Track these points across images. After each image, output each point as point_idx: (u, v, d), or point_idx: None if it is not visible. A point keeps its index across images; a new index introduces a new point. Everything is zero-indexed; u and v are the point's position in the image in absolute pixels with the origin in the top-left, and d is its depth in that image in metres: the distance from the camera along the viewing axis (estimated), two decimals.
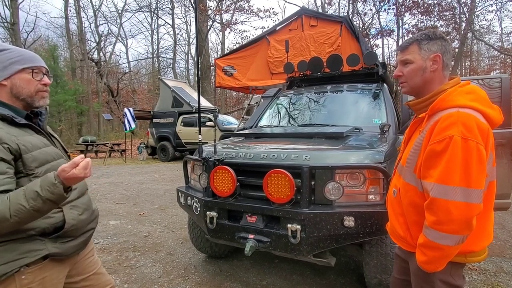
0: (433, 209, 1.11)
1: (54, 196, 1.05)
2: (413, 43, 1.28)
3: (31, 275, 1.15)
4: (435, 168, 1.12)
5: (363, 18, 17.73)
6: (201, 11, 16.15)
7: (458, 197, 1.07)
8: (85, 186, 1.42)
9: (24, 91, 1.22)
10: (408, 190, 1.26)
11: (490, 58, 24.11)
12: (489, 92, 3.41)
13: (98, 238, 3.82)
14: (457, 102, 1.14)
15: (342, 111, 3.47)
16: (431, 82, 1.26)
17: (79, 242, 1.30)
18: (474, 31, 16.58)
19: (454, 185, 1.07)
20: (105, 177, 8.68)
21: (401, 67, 1.31)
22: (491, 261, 3.06)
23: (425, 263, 1.17)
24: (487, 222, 1.20)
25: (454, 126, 1.08)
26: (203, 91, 15.85)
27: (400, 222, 1.32)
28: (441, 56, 1.24)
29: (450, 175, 1.08)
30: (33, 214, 1.05)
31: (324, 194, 2.05)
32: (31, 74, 1.23)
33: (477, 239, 1.18)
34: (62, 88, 19.03)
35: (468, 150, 1.06)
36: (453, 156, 1.07)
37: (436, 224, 1.10)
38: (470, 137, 1.07)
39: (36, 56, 1.29)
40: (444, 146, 1.09)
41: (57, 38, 27.62)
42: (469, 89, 1.20)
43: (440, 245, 1.11)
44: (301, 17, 7.09)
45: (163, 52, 30.03)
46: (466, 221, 1.07)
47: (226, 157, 2.40)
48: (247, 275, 2.87)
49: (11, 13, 18.68)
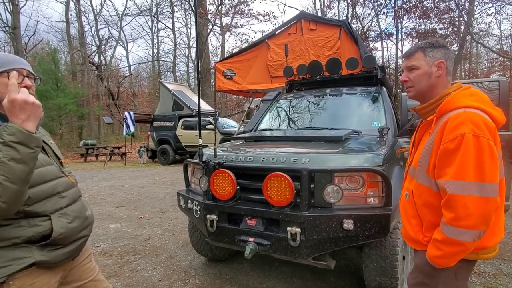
0: (451, 205, 1.14)
1: (14, 137, 0.99)
2: (418, 50, 1.35)
3: (18, 281, 1.12)
4: (450, 166, 1.16)
5: (362, 22, 17.83)
6: (201, 14, 16.24)
7: (474, 191, 1.10)
8: (77, 193, 1.38)
9: (3, 96, 1.12)
10: (422, 191, 1.30)
11: (489, 60, 24.17)
12: (488, 94, 3.43)
13: (99, 242, 3.83)
14: (463, 103, 1.20)
15: (341, 114, 3.49)
16: (436, 86, 1.33)
17: (69, 250, 1.26)
18: (473, 34, 16.64)
19: (470, 180, 1.11)
20: (106, 181, 8.68)
21: (407, 73, 1.38)
22: (491, 264, 3.06)
23: (438, 257, 1.19)
24: (498, 218, 1.23)
25: (464, 125, 1.13)
26: (203, 94, 15.90)
27: (412, 224, 1.35)
28: (445, 63, 1.32)
29: (465, 171, 1.12)
30: (16, 166, 0.98)
31: (323, 197, 2.07)
32: (8, 77, 1.14)
33: (490, 235, 1.20)
34: (62, 91, 19.06)
35: (480, 146, 1.11)
36: (466, 152, 1.12)
37: (454, 221, 1.13)
38: (481, 133, 1.11)
39: (14, 59, 1.22)
40: (457, 144, 1.14)
41: (58, 42, 27.79)
42: (472, 92, 1.26)
43: (458, 240, 1.14)
44: (301, 21, 7.14)
45: (164, 56, 30.19)
46: (484, 215, 1.10)
47: (226, 161, 2.42)
48: (247, 278, 2.87)
49: (12, 18, 18.79)
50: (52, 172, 1.26)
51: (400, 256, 2.19)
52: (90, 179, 8.94)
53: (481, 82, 3.60)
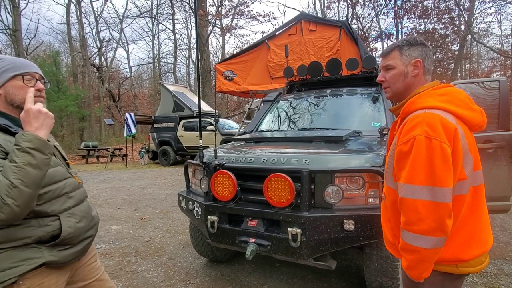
0: (403, 209, 1.12)
1: (31, 143, 1.07)
2: (394, 49, 1.29)
3: (28, 280, 1.15)
4: (403, 169, 1.13)
5: (362, 22, 17.84)
6: (201, 16, 16.26)
7: (424, 196, 1.06)
8: (83, 193, 1.41)
9: (17, 98, 1.22)
10: (390, 193, 1.26)
11: (490, 60, 24.15)
12: (488, 94, 3.43)
13: (100, 243, 3.83)
14: (426, 103, 1.16)
15: (341, 115, 3.50)
16: (412, 87, 1.28)
17: (77, 249, 1.29)
18: (473, 34, 16.62)
19: (420, 184, 1.07)
20: (107, 182, 8.70)
21: (384, 73, 1.33)
22: (492, 264, 3.05)
23: (407, 268, 1.15)
24: (475, 228, 1.15)
25: (419, 126, 1.10)
26: (204, 95, 15.92)
27: (388, 227, 1.32)
28: (421, 62, 1.25)
29: (416, 174, 1.08)
30: (31, 170, 1.05)
31: (324, 198, 2.07)
32: (22, 81, 1.23)
33: (466, 247, 1.13)
34: (63, 93, 19.12)
35: (432, 149, 1.06)
36: (417, 155, 1.08)
37: (407, 225, 1.10)
38: (434, 136, 1.07)
39: (28, 63, 1.29)
40: (409, 146, 1.10)
41: (59, 44, 27.87)
42: (443, 91, 1.20)
43: (415, 247, 1.09)
44: (301, 22, 7.15)
45: (164, 57, 30.22)
46: (436, 221, 1.05)
47: (227, 162, 2.43)
48: (248, 279, 2.87)
49: (13, 20, 18.85)
50: (61, 173, 1.29)
51: None
52: (91, 180, 8.95)
53: (482, 82, 3.60)
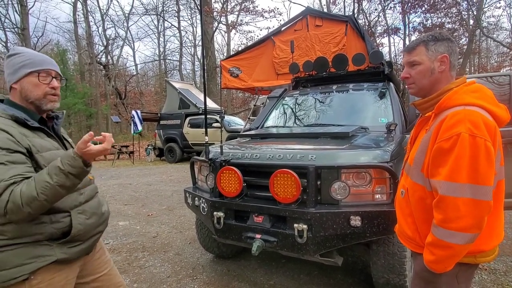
0: (441, 207, 1.11)
1: (75, 170, 1.09)
2: (419, 44, 1.27)
3: (40, 276, 1.16)
4: (443, 166, 1.11)
5: (368, 17, 17.63)
6: (206, 13, 16.24)
7: (466, 194, 1.06)
8: (94, 190, 1.42)
9: (32, 95, 1.22)
10: (416, 190, 1.26)
11: (499, 55, 23.70)
12: (498, 89, 3.37)
13: (108, 239, 3.88)
14: (464, 100, 1.15)
15: (348, 111, 3.46)
16: (438, 82, 1.26)
17: (86, 246, 1.30)
18: (482, 28, 16.32)
19: (463, 182, 1.07)
20: (114, 179, 8.79)
21: (408, 69, 1.30)
22: (501, 261, 3.02)
23: (433, 262, 1.15)
24: (496, 221, 1.19)
25: (462, 124, 1.08)
26: (209, 92, 15.92)
27: (408, 222, 1.31)
28: (448, 57, 1.24)
29: (458, 172, 1.07)
30: (59, 190, 1.08)
31: (330, 194, 2.06)
32: (38, 78, 1.22)
33: (487, 238, 1.16)
34: (71, 91, 19.37)
35: (476, 147, 1.06)
36: (461, 153, 1.07)
37: (444, 222, 1.10)
38: (478, 134, 1.06)
39: (45, 59, 1.27)
40: (452, 143, 1.09)
41: (66, 42, 28.13)
42: (475, 88, 1.20)
43: (449, 243, 1.09)
44: (306, 17, 7.07)
45: (170, 55, 30.36)
46: (475, 218, 1.06)
47: (233, 158, 2.43)
48: (254, 275, 2.88)
49: (21, 19, 19.09)
50: None
51: (408, 253, 2.16)
52: (98, 177, 9.04)
53: (491, 76, 3.54)
